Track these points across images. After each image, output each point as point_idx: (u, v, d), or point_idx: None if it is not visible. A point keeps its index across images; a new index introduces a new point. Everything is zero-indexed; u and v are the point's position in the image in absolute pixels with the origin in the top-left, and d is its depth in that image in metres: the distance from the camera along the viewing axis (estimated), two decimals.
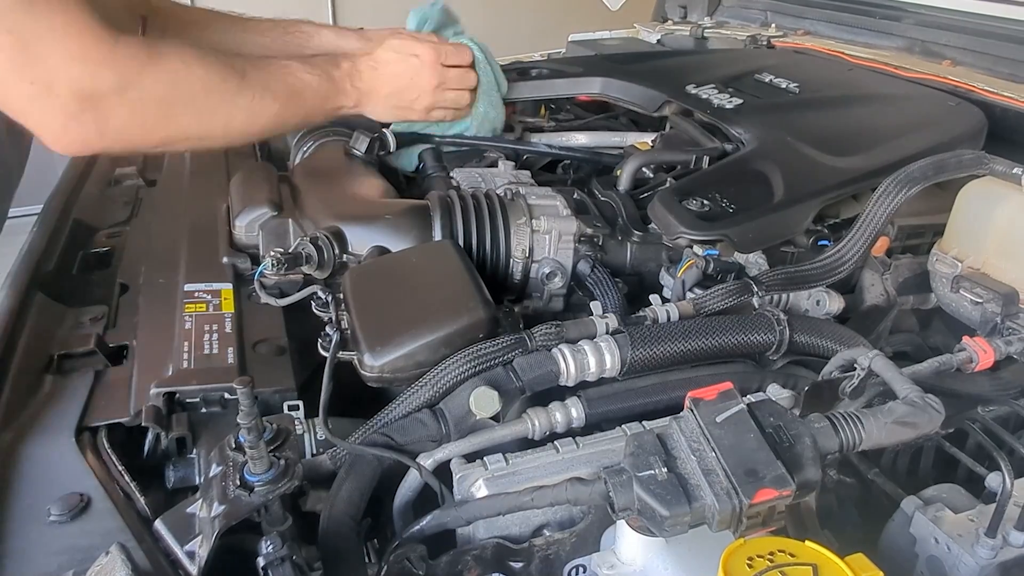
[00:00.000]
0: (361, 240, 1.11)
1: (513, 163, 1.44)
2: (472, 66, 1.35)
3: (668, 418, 0.72)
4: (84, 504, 0.75)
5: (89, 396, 0.88)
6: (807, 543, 0.62)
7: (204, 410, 0.89)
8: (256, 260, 1.13)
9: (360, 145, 1.36)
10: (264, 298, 1.04)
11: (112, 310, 1.06)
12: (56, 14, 0.88)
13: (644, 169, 1.33)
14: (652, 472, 0.65)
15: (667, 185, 1.23)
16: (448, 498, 0.80)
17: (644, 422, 0.85)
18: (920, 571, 0.78)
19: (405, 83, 1.28)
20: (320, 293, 1.00)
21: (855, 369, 0.84)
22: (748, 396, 0.83)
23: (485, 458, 0.79)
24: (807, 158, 1.21)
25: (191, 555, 0.67)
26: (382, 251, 1.10)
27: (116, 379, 0.92)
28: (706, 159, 1.30)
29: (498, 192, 1.18)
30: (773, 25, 2.11)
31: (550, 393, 0.89)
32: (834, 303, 1.09)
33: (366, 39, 1.44)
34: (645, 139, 1.51)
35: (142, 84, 0.96)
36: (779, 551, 0.61)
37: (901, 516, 0.81)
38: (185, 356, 0.93)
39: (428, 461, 0.81)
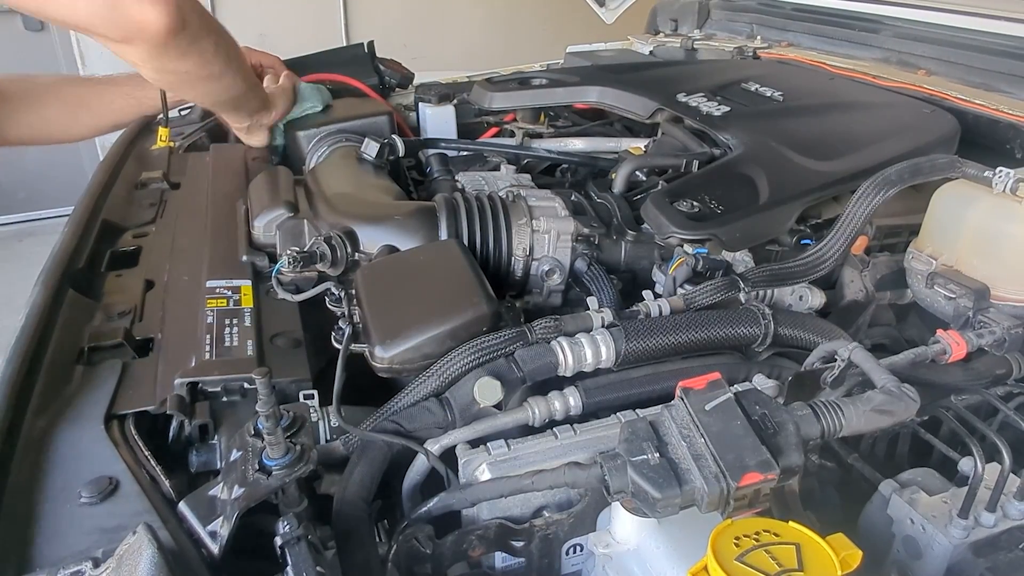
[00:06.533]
0: (372, 239, 1.11)
1: (514, 167, 1.44)
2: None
3: (660, 406, 0.72)
4: (113, 487, 0.74)
5: (117, 386, 0.88)
6: (791, 524, 0.62)
7: (225, 399, 0.89)
8: (273, 258, 1.13)
9: (370, 150, 1.36)
10: (281, 294, 1.04)
11: (139, 305, 1.06)
12: None
13: (638, 173, 1.33)
14: (645, 457, 0.65)
15: (659, 188, 1.23)
16: (454, 481, 0.80)
17: (638, 410, 0.85)
18: (897, 550, 0.78)
19: None
20: (334, 289, 1.00)
21: (836, 360, 0.84)
22: (735, 386, 0.83)
23: (488, 444, 0.80)
24: (791, 162, 1.20)
25: (213, 535, 0.67)
26: (391, 250, 1.10)
27: (142, 370, 0.92)
28: (696, 163, 1.30)
29: (500, 194, 1.18)
30: (759, 37, 2.11)
31: (549, 383, 0.89)
32: (816, 298, 1.09)
33: None
34: (638, 144, 1.51)
35: None
36: (764, 531, 0.61)
37: (879, 498, 0.81)
38: (207, 348, 0.92)
39: (435, 447, 0.81)
